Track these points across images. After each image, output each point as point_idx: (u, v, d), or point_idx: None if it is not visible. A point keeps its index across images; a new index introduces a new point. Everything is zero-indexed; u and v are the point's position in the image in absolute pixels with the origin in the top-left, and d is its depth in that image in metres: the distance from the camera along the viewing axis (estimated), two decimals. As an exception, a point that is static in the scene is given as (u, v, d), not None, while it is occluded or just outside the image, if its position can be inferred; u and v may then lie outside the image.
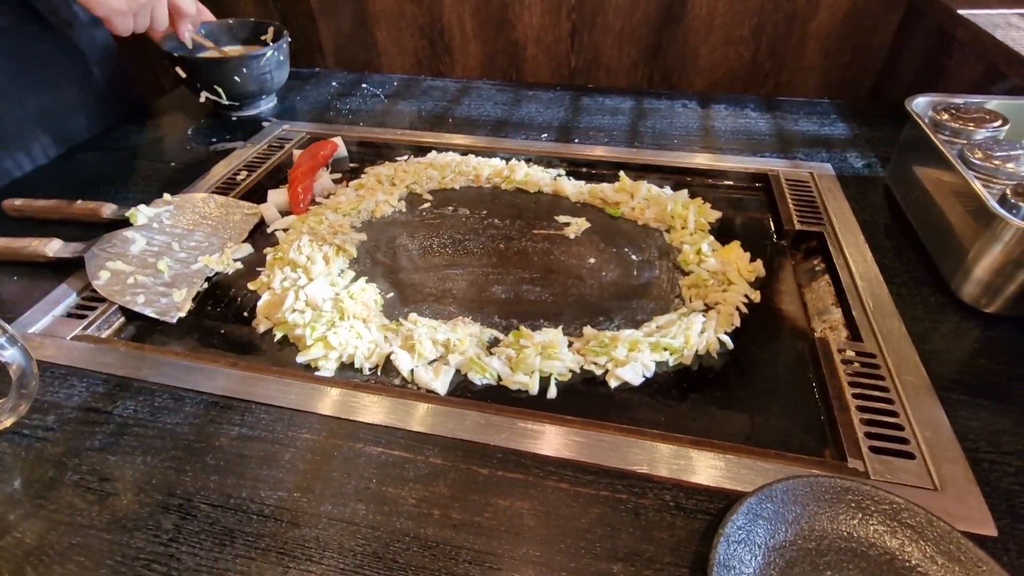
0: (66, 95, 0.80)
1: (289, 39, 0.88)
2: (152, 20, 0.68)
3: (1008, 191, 0.49)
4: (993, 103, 0.63)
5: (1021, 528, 0.37)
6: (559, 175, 0.77)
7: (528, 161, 0.79)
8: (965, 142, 0.57)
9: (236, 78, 0.84)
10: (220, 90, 0.85)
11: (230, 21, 0.92)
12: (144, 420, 0.45)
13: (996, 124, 0.58)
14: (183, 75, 0.84)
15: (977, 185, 0.50)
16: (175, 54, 0.82)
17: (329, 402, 0.46)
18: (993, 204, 0.48)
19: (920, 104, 0.64)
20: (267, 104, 0.93)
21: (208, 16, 0.81)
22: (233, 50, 0.91)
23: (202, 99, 0.86)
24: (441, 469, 0.41)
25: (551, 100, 0.94)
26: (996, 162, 0.53)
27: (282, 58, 0.87)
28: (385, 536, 0.37)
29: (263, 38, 0.91)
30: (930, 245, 0.59)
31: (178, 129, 0.88)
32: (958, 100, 0.63)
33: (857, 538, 0.36)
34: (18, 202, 0.68)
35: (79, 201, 0.67)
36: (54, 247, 0.60)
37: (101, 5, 0.63)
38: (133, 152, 0.83)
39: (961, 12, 0.84)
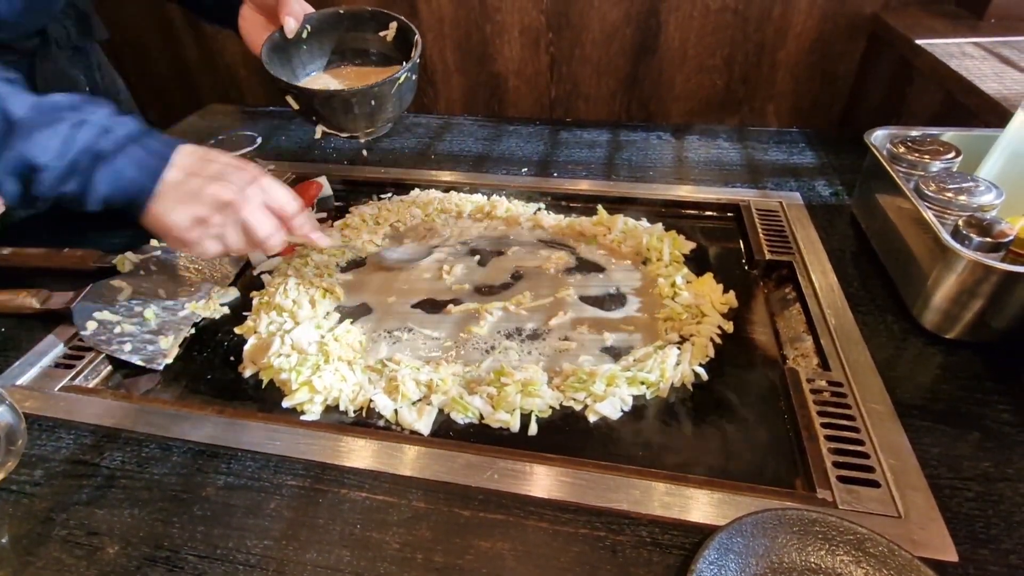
0: None
1: (421, 44, 0.65)
2: (249, 233, 0.52)
3: (960, 223, 0.52)
4: (948, 135, 0.66)
5: (980, 552, 0.38)
6: (539, 209, 0.79)
7: (509, 196, 0.81)
8: (921, 174, 0.60)
9: (362, 111, 0.64)
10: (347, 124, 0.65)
11: (339, 11, 0.68)
12: (131, 471, 0.46)
13: (950, 156, 0.61)
14: (295, 107, 0.64)
15: (930, 216, 0.53)
16: (292, 83, 0.63)
17: (314, 448, 0.47)
18: (946, 236, 0.50)
19: (879, 137, 0.67)
20: (384, 131, 0.71)
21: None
22: (348, 71, 0.70)
23: (318, 135, 0.67)
24: (424, 512, 0.42)
25: (531, 134, 0.97)
26: (949, 194, 0.55)
27: (415, 77, 0.65)
28: (369, 582, 0.38)
29: (383, 34, 0.69)
30: (893, 273, 0.61)
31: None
32: (914, 132, 0.67)
33: (824, 569, 0.37)
34: (6, 251, 0.69)
35: (66, 249, 0.68)
36: (42, 298, 0.61)
37: (171, 240, 0.51)
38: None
39: (919, 42, 0.88)
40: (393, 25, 0.68)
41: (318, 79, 0.69)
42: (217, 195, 0.49)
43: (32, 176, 0.45)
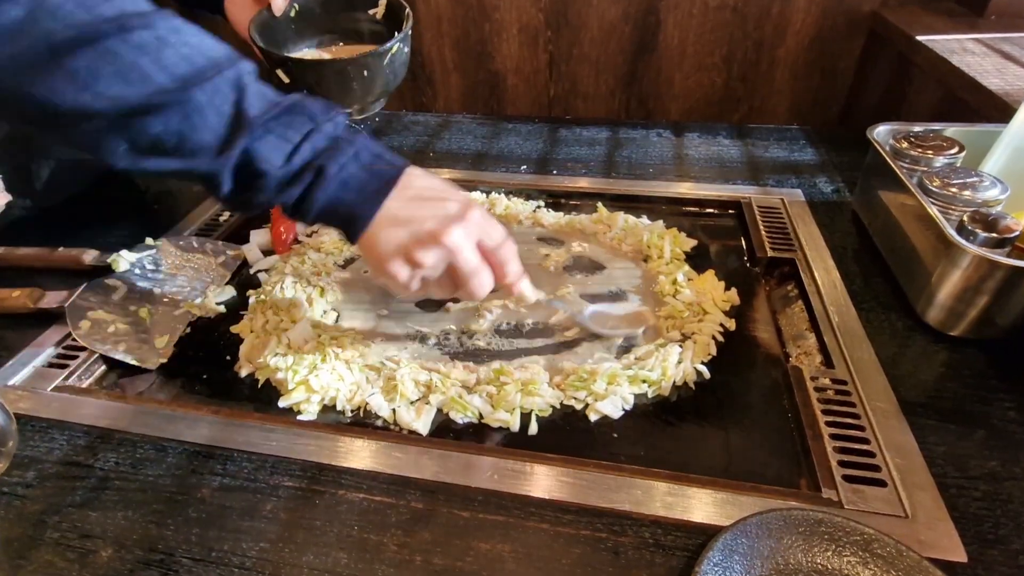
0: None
1: (412, 17, 0.65)
2: (461, 282, 0.47)
3: (965, 218, 0.51)
4: (951, 130, 0.65)
5: (990, 553, 0.38)
6: (538, 207, 0.78)
7: (508, 194, 0.80)
8: (924, 169, 0.60)
9: (355, 83, 0.63)
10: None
11: None
12: (126, 473, 0.45)
13: (953, 151, 0.61)
14: (286, 80, 0.64)
15: (935, 212, 0.52)
16: (285, 54, 0.62)
17: (311, 448, 0.46)
18: (951, 232, 0.50)
19: (881, 132, 0.66)
20: (377, 108, 0.71)
21: None
22: (339, 49, 0.69)
23: None
24: (423, 513, 0.42)
25: (530, 132, 0.96)
26: (953, 189, 0.55)
27: (406, 49, 0.65)
28: (367, 585, 0.37)
29: (372, 12, 0.69)
30: (896, 270, 0.60)
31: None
32: (917, 128, 0.66)
33: (831, 570, 0.36)
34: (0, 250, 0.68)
35: (61, 248, 0.68)
36: (36, 298, 0.60)
37: (379, 271, 0.46)
38: (115, 195, 0.83)
39: (919, 38, 0.87)
40: (383, 1, 0.67)
41: (308, 55, 0.68)
42: (438, 235, 0.43)
43: (252, 181, 0.42)
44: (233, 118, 0.41)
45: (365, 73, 0.61)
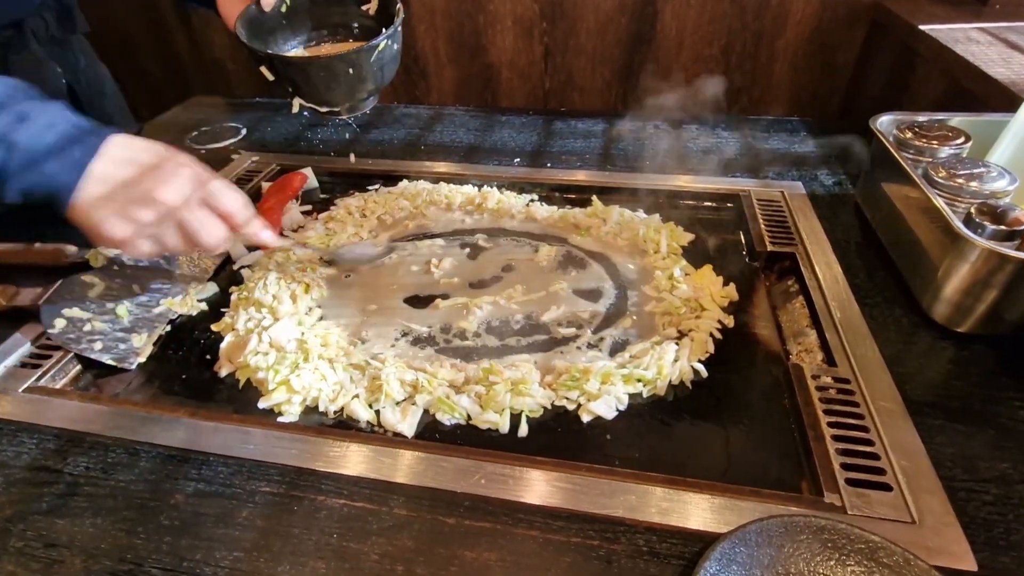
0: None
1: (403, 13, 0.61)
2: (190, 235, 0.47)
3: (973, 210, 0.49)
4: (955, 120, 0.63)
5: (1001, 560, 0.36)
6: (532, 200, 0.76)
7: (501, 187, 0.78)
8: (929, 160, 0.58)
9: (343, 81, 0.60)
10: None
11: None
12: (96, 478, 0.43)
13: (959, 141, 0.59)
14: (270, 78, 0.62)
15: (941, 204, 0.50)
16: (268, 51, 0.60)
17: (290, 451, 0.44)
18: (958, 224, 0.48)
19: (884, 122, 0.64)
20: (368, 106, 0.68)
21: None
22: (328, 47, 0.67)
23: (295, 108, 0.64)
24: (406, 520, 0.40)
25: (524, 125, 0.94)
26: (959, 180, 0.53)
27: (396, 47, 0.62)
28: (346, 597, 0.36)
29: (364, 8, 0.66)
30: (900, 264, 0.58)
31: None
32: (922, 117, 0.64)
33: (834, 580, 0.34)
34: (-26, 247, 0.66)
35: (38, 244, 0.65)
36: (9, 295, 0.58)
37: (98, 239, 0.46)
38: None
39: (922, 28, 0.85)
40: None
41: (294, 53, 0.66)
42: (152, 194, 0.44)
43: None
44: None
45: (351, 71, 0.59)
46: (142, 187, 0.44)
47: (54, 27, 0.76)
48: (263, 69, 0.60)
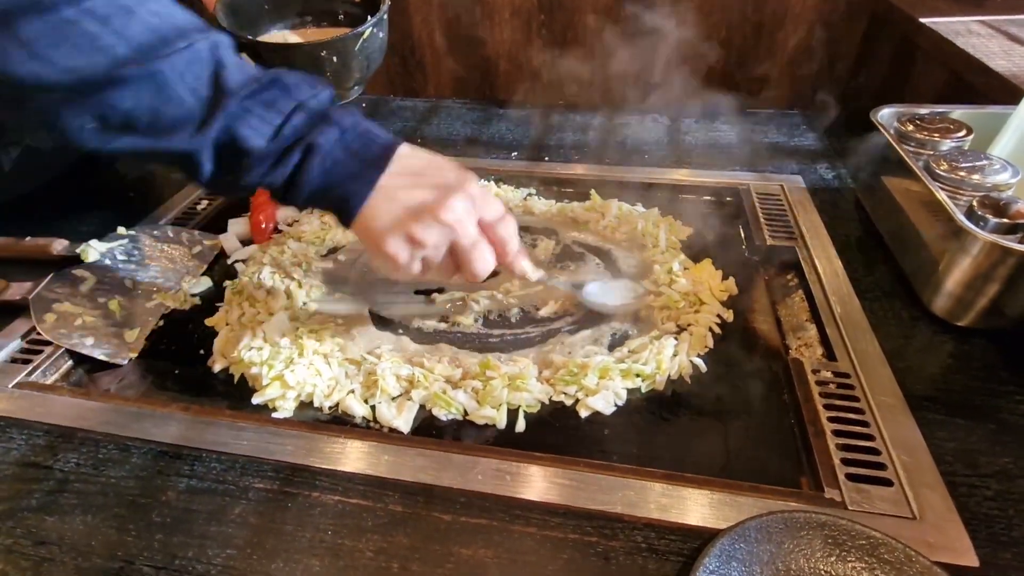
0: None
1: (388, 2, 0.60)
2: (463, 264, 0.44)
3: (975, 203, 0.49)
4: (957, 113, 0.63)
5: (1003, 556, 0.36)
6: (530, 194, 0.76)
7: (498, 181, 0.77)
8: (931, 153, 0.57)
9: (327, 69, 0.60)
10: None
11: None
12: (87, 475, 0.43)
13: (961, 134, 0.58)
14: (251, 63, 0.59)
15: (943, 197, 0.50)
16: (251, 37, 0.59)
17: (285, 447, 0.44)
18: (960, 217, 0.47)
19: (886, 115, 0.64)
20: (353, 95, 0.67)
21: None
22: (311, 32, 0.66)
23: None
24: (401, 517, 0.39)
25: (521, 118, 0.93)
26: (961, 173, 0.52)
27: (382, 34, 0.61)
28: (340, 594, 0.35)
29: None
30: (901, 258, 0.58)
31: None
32: (923, 110, 0.63)
33: (835, 576, 0.34)
34: (-37, 241, 0.65)
35: (28, 238, 0.65)
36: (-2, 289, 0.57)
37: (377, 253, 0.43)
38: (87, 185, 0.80)
39: (923, 20, 0.85)
40: None
41: (280, 36, 0.64)
42: (438, 213, 0.40)
43: (235, 162, 0.39)
44: (210, 93, 0.38)
45: (335, 58, 0.58)
46: (429, 207, 0.41)
47: None
48: (244, 56, 0.58)
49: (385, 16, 0.59)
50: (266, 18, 0.63)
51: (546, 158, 0.81)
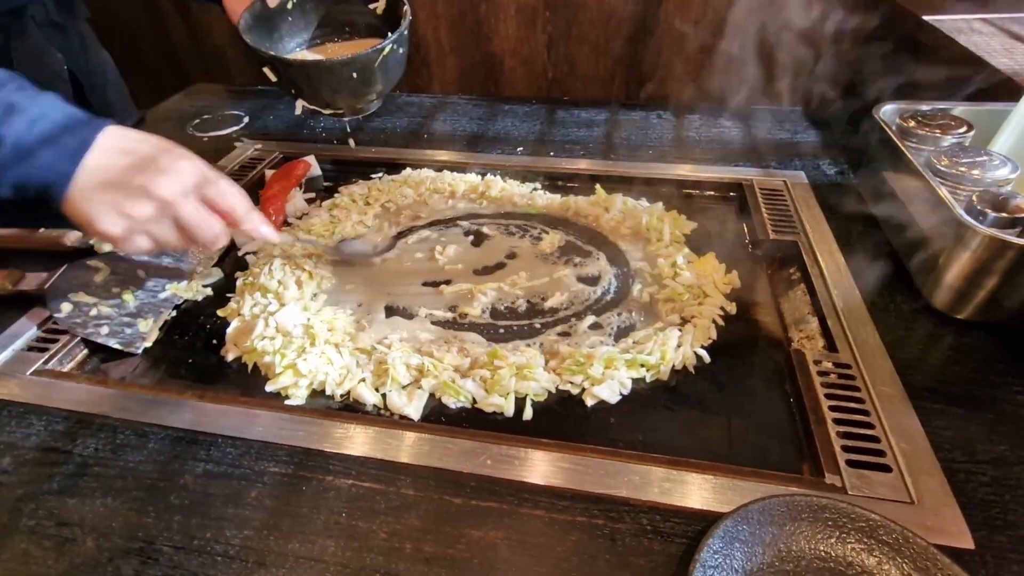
0: None
1: (410, 16, 0.61)
2: (187, 232, 0.45)
3: (974, 198, 0.49)
4: (958, 109, 0.64)
5: (998, 539, 0.37)
6: (535, 189, 0.77)
7: (503, 176, 0.78)
8: (932, 149, 0.58)
9: (348, 85, 0.60)
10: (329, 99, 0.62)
11: None
12: (105, 459, 0.44)
13: (962, 130, 0.59)
14: (273, 79, 0.61)
15: (944, 192, 0.51)
16: (271, 53, 0.59)
17: (298, 433, 0.45)
18: (960, 212, 0.48)
19: (887, 111, 0.64)
20: (372, 108, 0.68)
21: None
22: (333, 47, 0.65)
23: (298, 110, 0.63)
24: (413, 500, 0.40)
25: (527, 114, 0.94)
26: (962, 169, 0.53)
27: (402, 50, 0.61)
28: (355, 573, 0.36)
29: (372, 6, 0.65)
30: (902, 252, 0.59)
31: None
32: (924, 107, 0.64)
33: (835, 557, 0.35)
34: (-22, 232, 0.66)
35: (41, 230, 0.66)
36: (15, 279, 0.58)
37: (93, 233, 0.44)
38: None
39: (926, 18, 0.85)
40: None
41: (301, 53, 0.65)
42: (148, 187, 0.42)
43: None
44: None
45: (355, 75, 0.58)
46: (138, 180, 0.42)
47: (54, 12, 0.75)
48: (266, 70, 0.60)
49: (406, 32, 0.59)
50: (287, 29, 0.64)
51: (551, 153, 0.82)
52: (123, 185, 0.42)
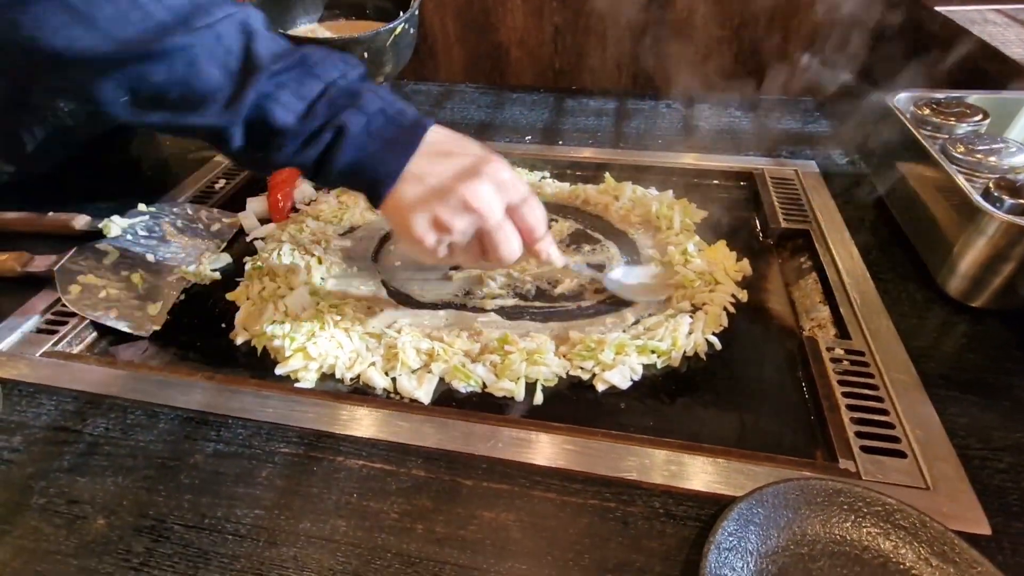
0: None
1: None
2: (491, 249, 0.43)
3: (991, 184, 0.49)
4: (974, 97, 0.63)
5: (1015, 525, 0.36)
6: (543, 177, 0.76)
7: (513, 164, 0.78)
8: (947, 137, 0.57)
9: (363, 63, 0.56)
10: None
11: None
12: (116, 438, 0.44)
13: (977, 118, 0.58)
14: None
15: (960, 179, 0.50)
16: (283, 31, 0.60)
17: (308, 414, 0.45)
18: (977, 198, 0.48)
19: (902, 99, 0.64)
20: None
21: None
22: (342, 25, 0.65)
23: None
24: (424, 481, 0.40)
25: (535, 102, 0.94)
26: (978, 156, 0.52)
27: (412, 30, 0.61)
28: (366, 553, 0.36)
29: None
30: (915, 240, 0.58)
31: (154, 135, 0.86)
32: (939, 95, 0.63)
33: (850, 541, 0.35)
34: (-13, 215, 0.66)
35: (50, 213, 0.66)
36: (24, 262, 0.58)
37: (405, 235, 0.43)
38: (107, 160, 0.81)
39: (938, 8, 0.85)
40: None
41: (309, 29, 0.65)
42: (468, 200, 0.40)
43: (266, 140, 0.39)
44: (241, 65, 0.38)
45: (366, 54, 0.57)
46: (458, 192, 0.40)
47: None
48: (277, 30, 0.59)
49: (416, 12, 0.58)
50: (298, 8, 0.64)
51: (560, 142, 0.82)
52: (444, 192, 0.40)
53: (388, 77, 0.63)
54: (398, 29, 0.56)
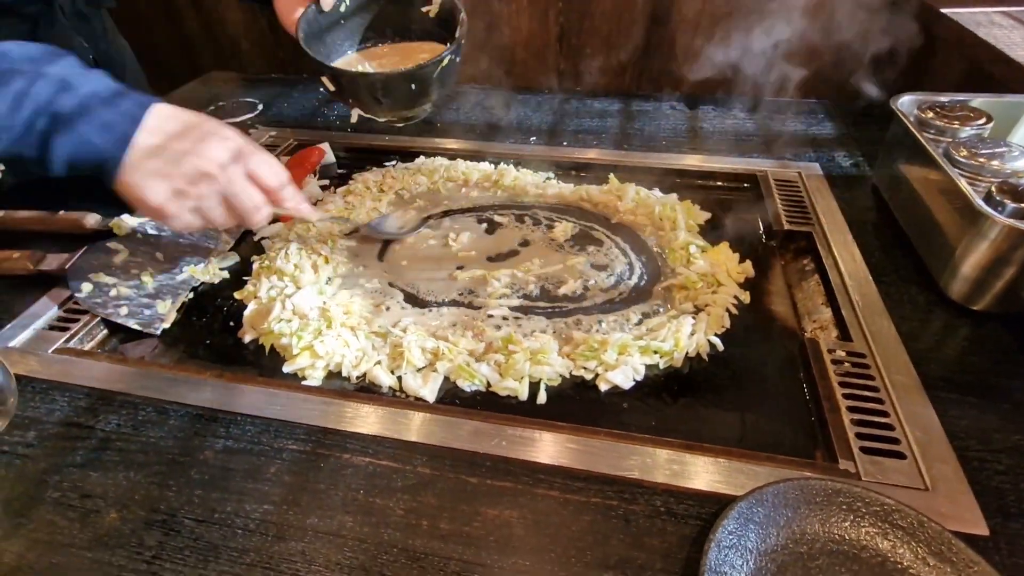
0: None
1: (466, 23, 0.59)
2: (233, 207, 0.47)
3: (993, 188, 0.49)
4: (977, 101, 0.63)
5: (1012, 527, 0.37)
6: (548, 178, 0.77)
7: (517, 165, 0.79)
8: (950, 140, 0.57)
9: (405, 94, 0.59)
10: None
11: None
12: (127, 434, 0.45)
13: (981, 122, 0.59)
14: (331, 89, 0.60)
15: (963, 183, 0.50)
16: (331, 67, 0.59)
17: (316, 412, 0.45)
18: (979, 202, 0.48)
19: (905, 103, 0.64)
20: (422, 115, 0.66)
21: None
22: (386, 49, 0.65)
23: (354, 119, 0.62)
24: (429, 478, 0.41)
25: (540, 103, 0.94)
26: (981, 159, 0.53)
27: (458, 59, 0.60)
28: (372, 548, 0.37)
29: (425, 10, 0.63)
30: (918, 243, 0.59)
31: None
32: (943, 98, 0.64)
33: (849, 541, 0.35)
34: (-1, 214, 0.67)
35: (62, 212, 0.66)
36: (36, 260, 0.59)
37: (145, 211, 0.46)
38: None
39: (944, 11, 0.85)
40: (437, 0, 0.63)
41: (349, 60, 0.65)
42: (197, 165, 0.44)
43: None
44: None
45: (414, 86, 0.58)
46: (183, 145, 0.44)
47: (81, 3, 0.76)
48: (324, 80, 0.59)
49: (463, 41, 0.59)
50: (339, 31, 0.64)
51: (564, 143, 0.82)
52: (169, 150, 0.44)
53: (433, 102, 0.63)
54: (445, 61, 0.56)
